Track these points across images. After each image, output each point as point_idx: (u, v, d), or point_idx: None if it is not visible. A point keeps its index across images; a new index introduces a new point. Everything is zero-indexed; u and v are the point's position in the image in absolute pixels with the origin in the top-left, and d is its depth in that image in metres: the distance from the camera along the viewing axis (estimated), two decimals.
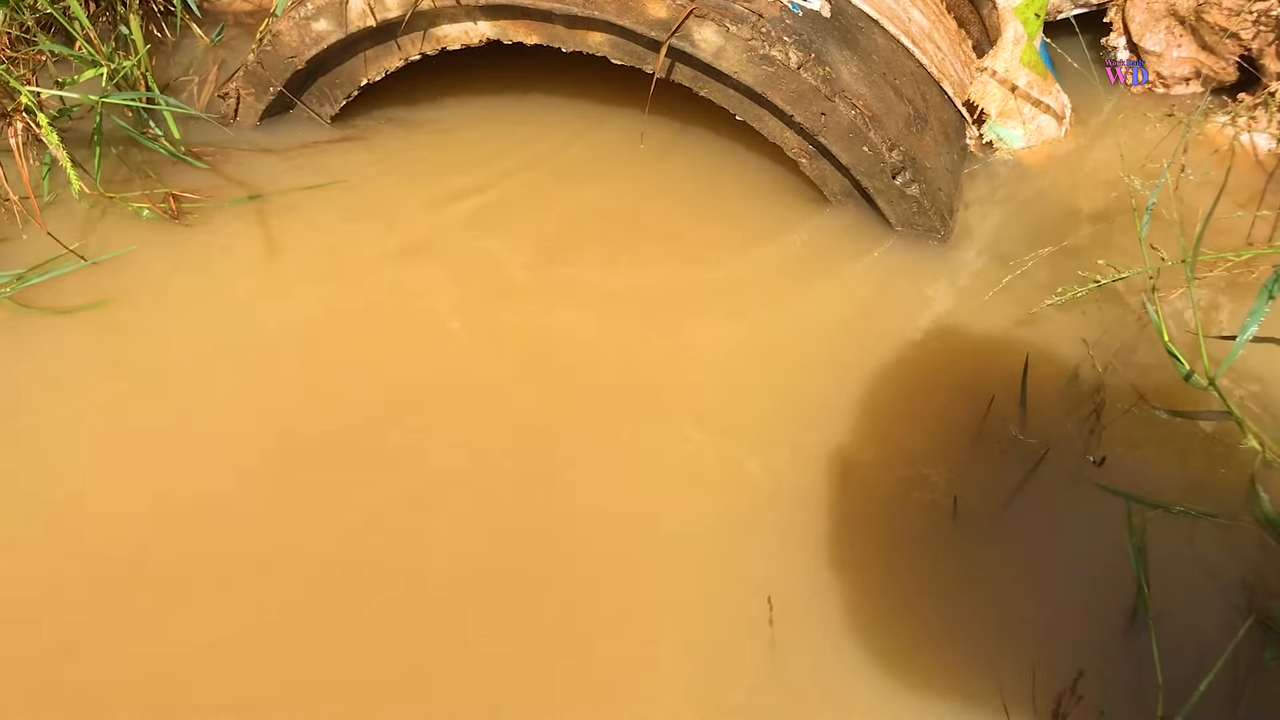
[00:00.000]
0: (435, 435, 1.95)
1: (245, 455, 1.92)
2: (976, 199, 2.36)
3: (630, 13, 2.10)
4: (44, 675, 1.60)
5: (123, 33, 2.64)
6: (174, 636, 1.64)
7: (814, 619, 1.66)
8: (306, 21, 2.32)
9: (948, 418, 1.94)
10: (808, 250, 2.31)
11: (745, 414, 1.99)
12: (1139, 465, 1.83)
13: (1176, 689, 1.51)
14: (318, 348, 2.14)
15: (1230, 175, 2.27)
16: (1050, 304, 2.05)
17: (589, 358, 2.13)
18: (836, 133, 2.12)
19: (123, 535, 1.78)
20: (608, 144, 2.54)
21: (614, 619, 1.67)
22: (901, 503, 1.82)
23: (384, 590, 1.70)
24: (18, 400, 2.00)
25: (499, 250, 2.34)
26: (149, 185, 2.40)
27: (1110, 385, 1.95)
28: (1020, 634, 1.63)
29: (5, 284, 2.18)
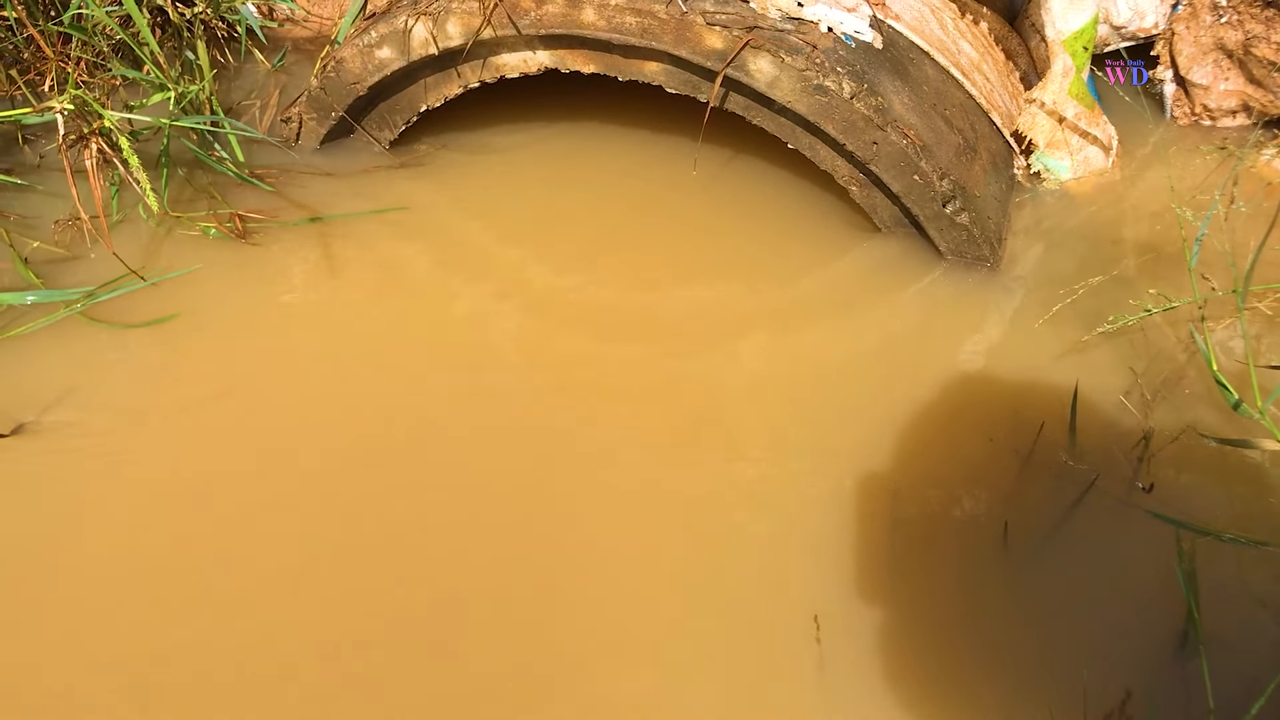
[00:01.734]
0: (485, 453, 2.00)
1: (296, 466, 1.98)
2: (1024, 228, 2.38)
3: (687, 43, 2.15)
4: (131, 676, 1.65)
5: (189, 58, 2.72)
6: (243, 643, 1.69)
7: (863, 641, 1.69)
8: (370, 49, 2.39)
9: (998, 443, 1.96)
10: (857, 277, 2.35)
11: (795, 437, 2.03)
12: (1188, 492, 1.85)
13: (1227, 712, 1.52)
14: (372, 366, 2.19)
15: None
16: (1100, 332, 2.07)
17: (638, 381, 2.18)
18: (888, 161, 2.16)
19: (181, 540, 1.84)
20: (660, 171, 2.59)
21: (657, 636, 1.71)
22: (952, 526, 1.84)
23: (435, 599, 1.75)
24: (85, 410, 2.07)
25: (550, 276, 2.39)
26: (214, 205, 2.47)
27: (1159, 413, 1.97)
28: (1070, 657, 1.65)
29: (76, 300, 2.25)
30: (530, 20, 2.23)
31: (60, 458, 1.99)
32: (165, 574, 1.80)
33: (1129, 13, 2.55)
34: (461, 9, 2.26)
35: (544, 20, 2.23)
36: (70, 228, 2.42)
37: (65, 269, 2.37)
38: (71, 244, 2.41)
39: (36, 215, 2.49)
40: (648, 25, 2.16)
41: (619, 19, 2.17)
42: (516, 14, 2.23)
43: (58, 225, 2.42)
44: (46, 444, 2.01)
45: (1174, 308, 2.04)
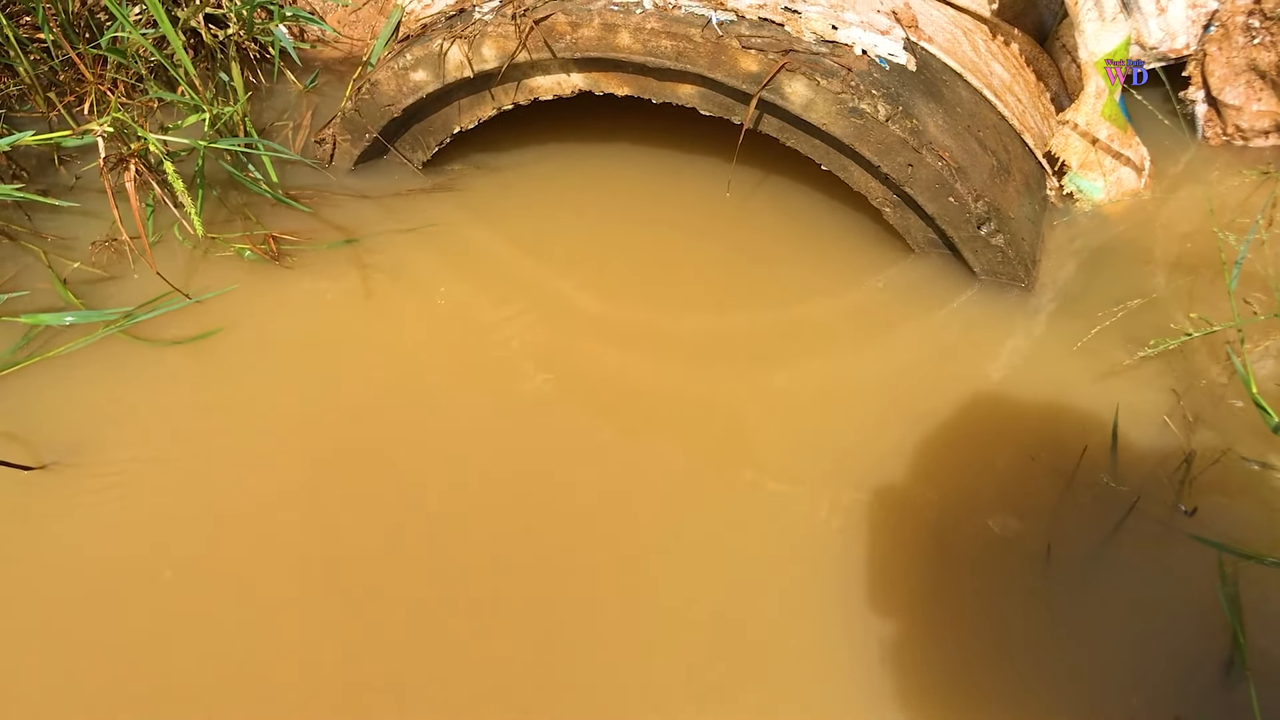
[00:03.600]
0: (514, 470, 2.01)
1: (333, 483, 1.99)
2: (1058, 249, 2.38)
3: (722, 66, 2.16)
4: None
5: (222, 79, 2.74)
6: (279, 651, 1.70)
7: (905, 663, 1.69)
8: (405, 72, 2.40)
9: (1040, 464, 1.96)
10: (891, 297, 2.35)
11: (830, 457, 2.03)
12: (1230, 515, 1.84)
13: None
14: (405, 387, 2.21)
15: None
16: (1141, 355, 2.07)
17: (668, 402, 2.18)
18: (923, 184, 2.17)
19: (212, 553, 1.85)
20: (691, 193, 2.60)
21: (684, 650, 1.71)
22: (994, 547, 1.84)
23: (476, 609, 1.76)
24: (126, 431, 2.08)
25: (581, 295, 2.41)
26: (249, 226, 2.49)
27: (1200, 436, 1.96)
28: (1114, 682, 1.64)
29: (116, 320, 2.27)
30: (566, 44, 2.24)
31: (102, 480, 2.01)
32: (206, 588, 1.82)
33: (1160, 34, 2.55)
34: (497, 33, 2.28)
35: (579, 44, 2.24)
36: (107, 248, 2.44)
37: (102, 289, 2.39)
38: (108, 264, 2.43)
39: (73, 236, 2.52)
40: (683, 49, 2.17)
41: (654, 42, 2.18)
42: (552, 37, 2.24)
43: (95, 246, 2.44)
44: (87, 469, 2.03)
45: (1214, 331, 2.03)
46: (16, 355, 2.21)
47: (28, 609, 1.82)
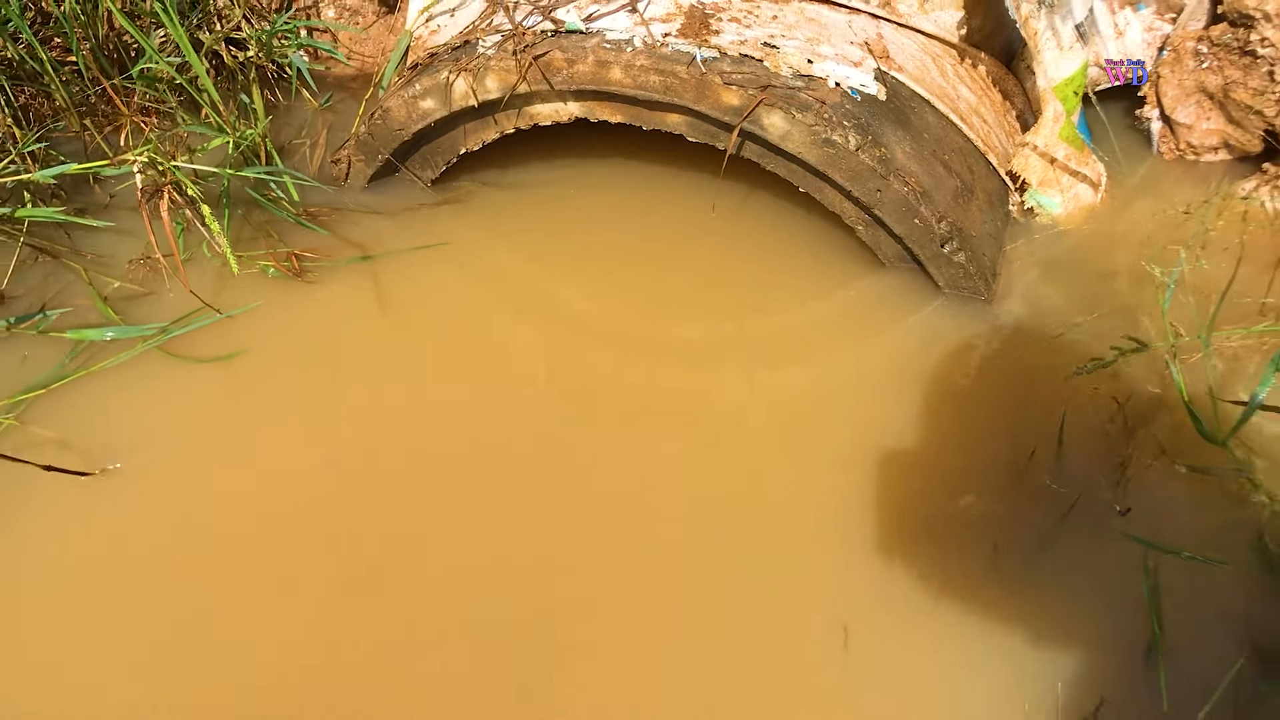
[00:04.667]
0: (525, 469, 2.23)
1: (355, 489, 2.22)
2: (1019, 260, 2.58)
3: (706, 100, 2.36)
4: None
5: (243, 101, 2.94)
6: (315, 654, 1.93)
7: (872, 638, 1.92)
8: (414, 100, 2.60)
9: (994, 465, 2.17)
10: (863, 307, 2.56)
11: (805, 453, 2.26)
12: (1161, 515, 2.06)
13: (1181, 717, 1.74)
14: (420, 391, 2.43)
15: (1257, 242, 2.50)
16: (1089, 366, 2.27)
17: (663, 401, 2.40)
18: (890, 206, 2.36)
19: (249, 551, 2.09)
20: (681, 207, 2.80)
21: (682, 621, 1.94)
22: (949, 541, 2.06)
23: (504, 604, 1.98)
24: (167, 436, 2.31)
25: (584, 303, 2.62)
26: (272, 244, 2.70)
27: (1138, 441, 2.17)
28: (1047, 665, 1.86)
29: (152, 335, 2.48)
30: (562, 78, 2.44)
31: (144, 486, 2.23)
32: (245, 583, 2.05)
33: (1118, 55, 2.73)
34: (499, 66, 2.47)
35: (575, 78, 2.43)
36: (142, 266, 2.65)
37: (139, 305, 2.60)
38: (144, 281, 2.64)
39: (110, 253, 2.73)
40: (670, 83, 2.36)
41: (644, 77, 2.37)
42: (549, 71, 2.44)
43: (131, 264, 2.65)
44: (130, 473, 2.25)
45: (1154, 348, 2.23)
46: (65, 369, 2.42)
47: (88, 600, 2.05)
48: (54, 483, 2.21)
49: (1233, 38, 2.53)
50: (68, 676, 1.94)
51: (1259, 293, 2.36)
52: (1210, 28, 2.60)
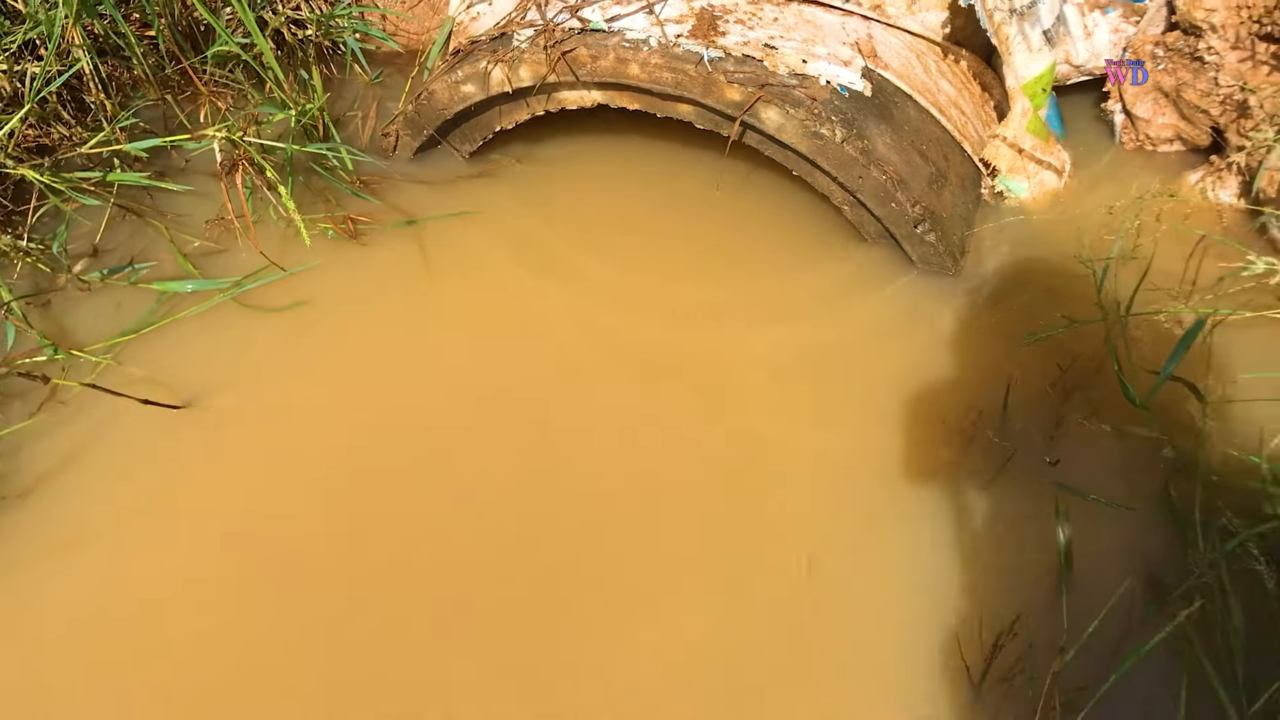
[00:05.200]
0: (546, 410, 2.65)
1: (408, 426, 2.63)
2: (988, 239, 2.92)
3: (712, 94, 2.69)
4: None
5: (303, 76, 3.30)
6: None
7: (844, 572, 2.30)
8: (457, 85, 2.95)
9: (948, 419, 2.54)
10: (847, 277, 2.91)
11: (795, 405, 2.64)
12: (1085, 467, 2.42)
13: (1080, 630, 2.12)
14: (458, 341, 2.82)
15: (1202, 226, 2.83)
16: (1039, 335, 2.61)
17: (672, 354, 2.78)
18: (871, 191, 2.71)
19: (312, 478, 2.50)
20: (690, 181, 3.15)
21: (679, 547, 2.34)
22: (906, 483, 2.43)
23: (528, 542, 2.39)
24: (241, 376, 2.71)
25: (602, 267, 2.98)
26: (329, 209, 3.07)
27: (1073, 403, 2.53)
28: (978, 587, 2.25)
29: (227, 288, 2.87)
30: (587, 70, 2.78)
31: (222, 419, 2.64)
32: (323, 505, 2.46)
33: (1087, 54, 3.05)
34: (532, 59, 2.81)
35: (598, 71, 2.77)
36: (216, 226, 3.03)
37: (214, 261, 2.98)
38: (218, 239, 3.03)
39: (187, 213, 3.11)
40: (680, 79, 2.70)
41: (658, 74, 2.71)
42: (576, 65, 2.78)
43: (207, 225, 3.03)
44: (210, 410, 2.65)
45: (1089, 323, 2.57)
46: (153, 316, 2.82)
47: (178, 518, 2.46)
48: (147, 415, 2.61)
49: (1184, 44, 2.84)
50: (159, 582, 2.36)
51: (1199, 276, 2.69)
52: (1166, 34, 2.91)
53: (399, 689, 2.16)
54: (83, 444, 2.57)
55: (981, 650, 2.14)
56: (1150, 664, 2.10)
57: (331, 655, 2.22)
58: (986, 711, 2.08)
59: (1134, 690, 2.08)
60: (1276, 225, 2.70)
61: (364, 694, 2.15)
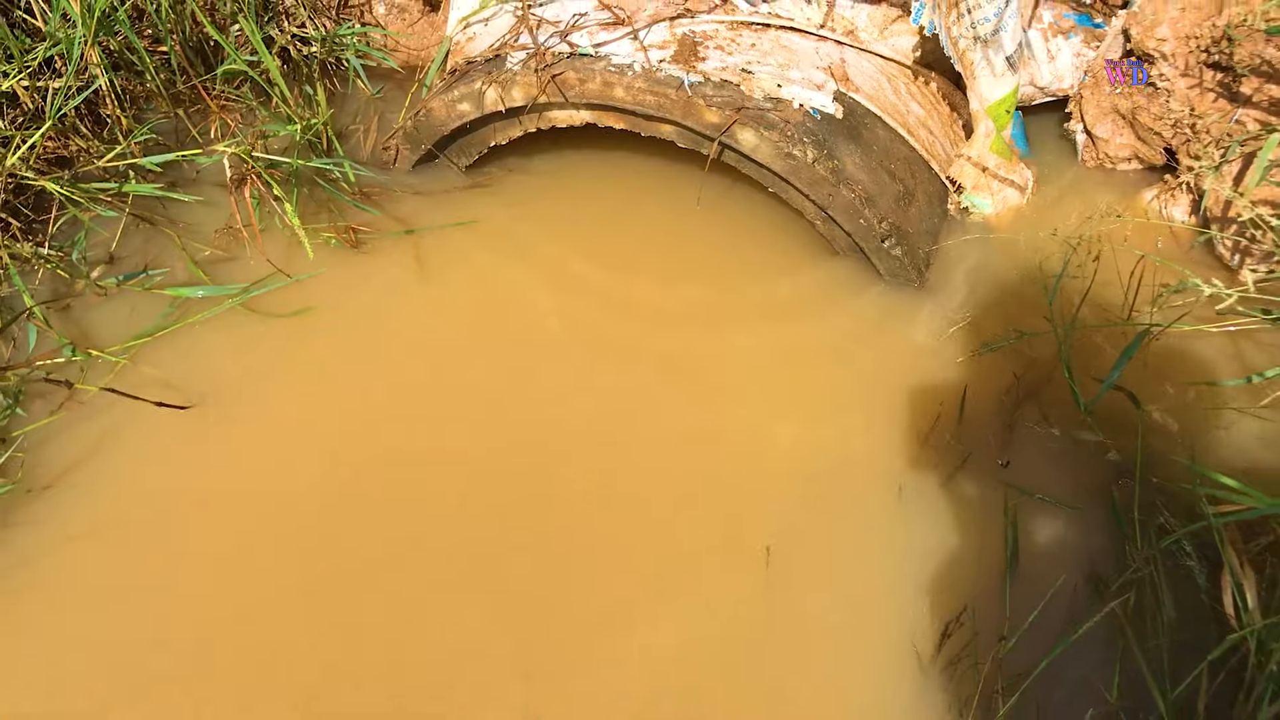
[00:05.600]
0: (535, 404, 2.84)
1: (409, 423, 2.82)
2: (953, 253, 3.09)
3: (692, 117, 2.87)
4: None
5: (307, 91, 3.47)
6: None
7: (802, 561, 2.49)
8: (453, 103, 3.13)
9: (908, 422, 2.72)
10: (819, 287, 3.09)
11: (767, 402, 2.83)
12: (1034, 468, 2.60)
13: (1022, 619, 2.30)
14: (454, 343, 3.00)
15: (1155, 241, 3.01)
16: (996, 344, 2.79)
17: (655, 354, 2.97)
18: (840, 208, 2.88)
19: (327, 471, 2.68)
20: (673, 194, 3.32)
21: (667, 522, 2.53)
22: (867, 482, 2.62)
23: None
24: (249, 378, 2.89)
25: (591, 272, 3.17)
26: (332, 219, 3.25)
27: (1025, 409, 2.71)
28: (930, 578, 2.43)
29: (236, 294, 3.05)
30: (575, 92, 2.96)
31: (231, 417, 2.82)
32: (322, 498, 2.64)
33: (1050, 76, 3.22)
34: (524, 81, 2.99)
35: (585, 93, 2.95)
36: (225, 235, 3.21)
37: (223, 268, 3.16)
38: (227, 247, 3.21)
39: (197, 223, 3.28)
40: (662, 102, 2.87)
41: (641, 96, 2.89)
42: (565, 87, 2.96)
43: (217, 234, 3.21)
44: (220, 410, 2.83)
45: (1035, 336, 2.75)
46: (166, 320, 3.00)
47: (190, 511, 2.65)
48: (160, 413, 2.79)
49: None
50: (172, 569, 2.55)
51: (1143, 291, 2.87)
52: (1122, 59, 3.08)
53: (401, 673, 2.35)
54: (100, 440, 2.75)
55: (932, 637, 2.32)
56: (1088, 651, 2.29)
57: (333, 641, 2.41)
58: (935, 693, 2.26)
59: (1072, 675, 2.27)
60: (1222, 242, 2.88)
61: (368, 677, 2.34)
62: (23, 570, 2.52)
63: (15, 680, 2.37)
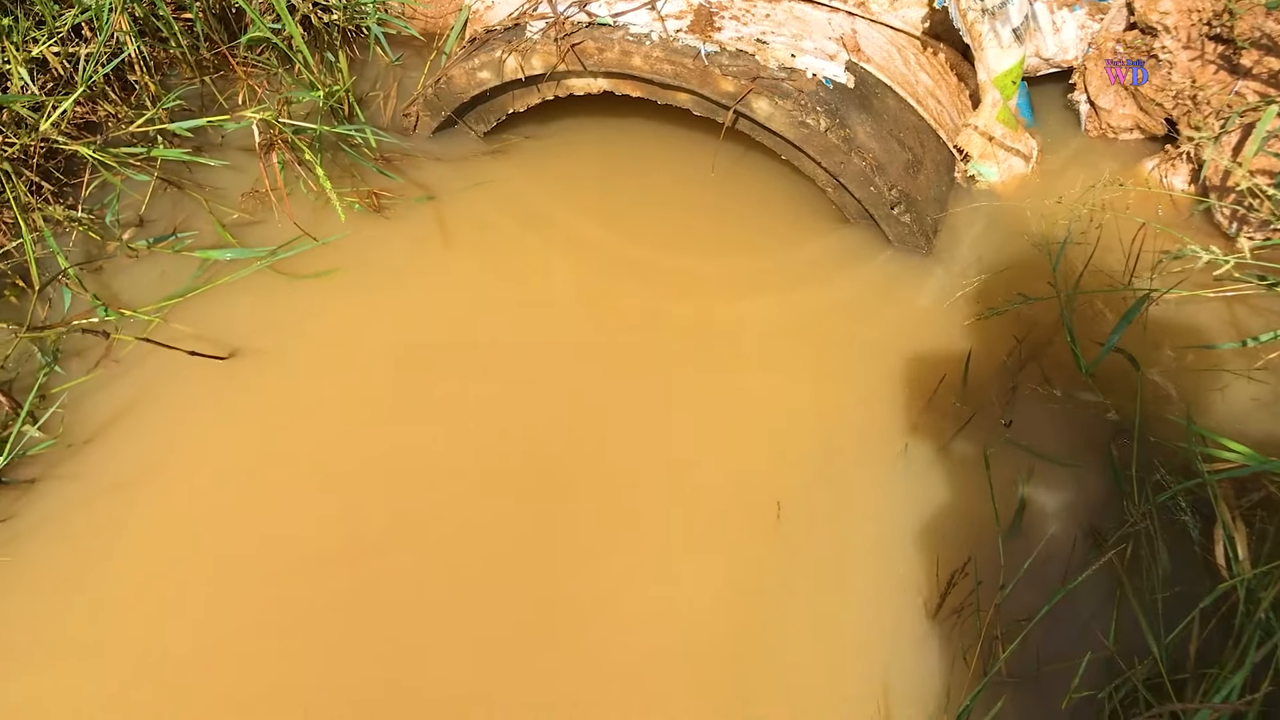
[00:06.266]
0: (545, 362, 2.96)
1: (421, 368, 2.94)
2: (960, 220, 3.19)
3: (708, 86, 2.95)
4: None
5: (329, 59, 3.55)
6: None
7: (811, 516, 2.60)
8: (473, 71, 3.21)
9: (915, 384, 2.82)
10: (830, 254, 3.18)
11: (777, 364, 2.93)
12: (1037, 427, 2.71)
13: (1015, 568, 2.41)
14: (473, 303, 3.10)
15: (1155, 210, 3.10)
16: (999, 309, 2.89)
17: (666, 316, 3.07)
18: (851, 176, 2.97)
19: (340, 421, 2.79)
20: (687, 161, 3.41)
21: (681, 483, 2.65)
22: (875, 441, 2.72)
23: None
24: (275, 339, 2.99)
25: (605, 237, 3.26)
26: (354, 184, 3.34)
27: (1028, 371, 2.81)
28: (935, 532, 2.54)
29: (264, 256, 3.14)
30: (594, 61, 3.04)
31: (260, 373, 2.92)
32: (348, 441, 2.75)
33: (1055, 49, 3.30)
34: (543, 49, 3.07)
35: (604, 62, 3.03)
36: (251, 199, 3.30)
37: (251, 231, 3.25)
38: (254, 210, 3.30)
39: (224, 186, 3.37)
40: (679, 71, 2.96)
41: (659, 65, 2.97)
42: (583, 56, 3.04)
43: (243, 198, 3.30)
44: (250, 365, 2.94)
45: (1039, 300, 2.85)
46: (196, 282, 3.09)
47: (224, 462, 2.75)
48: (192, 369, 2.89)
49: (1142, 43, 3.10)
50: (208, 515, 2.66)
51: (1143, 258, 2.96)
52: (1126, 32, 3.16)
53: (439, 607, 2.47)
54: (136, 396, 2.85)
55: (937, 587, 2.44)
56: (1086, 600, 2.40)
57: (366, 581, 2.52)
58: (939, 639, 2.37)
59: (1071, 622, 2.38)
60: (1220, 210, 2.97)
61: (411, 612, 2.47)
62: (65, 520, 2.63)
63: (58, 626, 2.49)
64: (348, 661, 2.42)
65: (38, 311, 3.01)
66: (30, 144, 3.10)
